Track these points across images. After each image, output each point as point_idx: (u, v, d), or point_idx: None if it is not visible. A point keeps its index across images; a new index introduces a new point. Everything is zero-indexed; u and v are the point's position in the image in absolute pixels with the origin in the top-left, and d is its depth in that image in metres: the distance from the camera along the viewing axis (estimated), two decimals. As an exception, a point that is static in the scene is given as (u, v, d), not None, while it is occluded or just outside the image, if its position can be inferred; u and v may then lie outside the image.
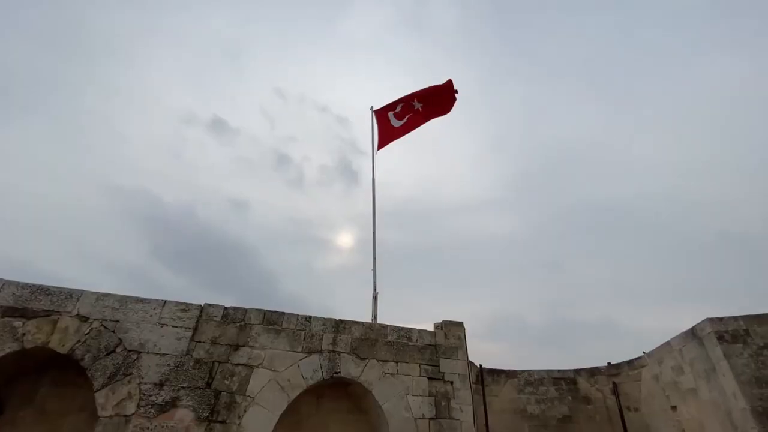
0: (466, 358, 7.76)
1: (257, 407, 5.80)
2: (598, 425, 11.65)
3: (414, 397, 6.75)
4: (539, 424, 12.10)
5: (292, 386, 6.14)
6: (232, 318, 6.44)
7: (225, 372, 5.94)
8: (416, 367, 7.09)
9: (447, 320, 7.97)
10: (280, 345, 6.42)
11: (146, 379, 5.54)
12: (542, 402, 12.42)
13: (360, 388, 6.66)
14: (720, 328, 7.09)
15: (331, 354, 6.63)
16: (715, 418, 7.37)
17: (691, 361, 8.02)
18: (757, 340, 6.79)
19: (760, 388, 6.40)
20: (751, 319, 7.01)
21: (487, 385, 12.84)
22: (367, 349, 6.93)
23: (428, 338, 7.55)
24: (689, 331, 7.95)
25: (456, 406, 6.92)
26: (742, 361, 6.69)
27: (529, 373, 13.12)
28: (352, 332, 7.00)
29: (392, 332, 7.33)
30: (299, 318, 6.81)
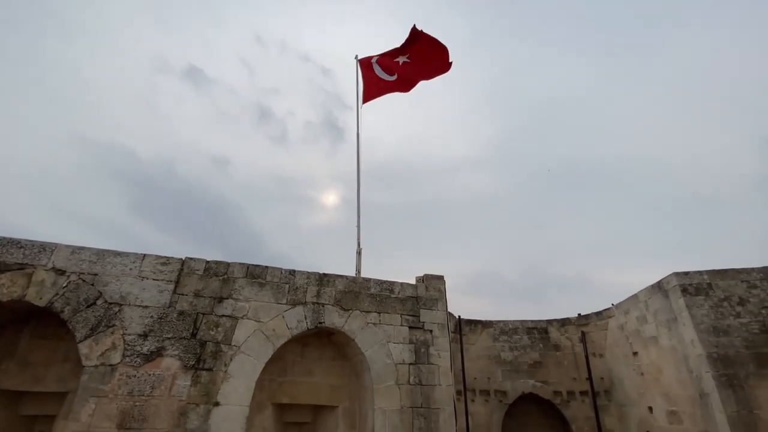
0: (445, 309, 8.07)
1: (243, 355, 5.97)
2: (566, 369, 12.62)
3: (395, 345, 7.06)
4: (511, 369, 13.02)
5: (277, 336, 6.31)
6: (214, 271, 6.43)
7: (210, 323, 6.02)
8: (398, 317, 7.35)
9: (428, 274, 8.18)
10: (265, 297, 6.50)
11: (130, 331, 5.58)
12: (515, 349, 13.29)
13: (343, 336, 6.90)
14: (685, 281, 7.52)
15: (315, 306, 6.78)
16: (672, 363, 8.04)
17: (655, 312, 8.58)
18: (719, 293, 7.25)
19: (717, 336, 6.94)
20: (715, 274, 7.43)
21: (465, 334, 13.58)
22: (350, 301, 7.10)
23: (410, 291, 7.77)
24: (656, 284, 8.41)
25: (434, 353, 7.30)
26: (703, 311, 7.18)
27: (505, 323, 13.89)
28: (335, 285, 7.12)
29: (375, 285, 7.50)
30: (283, 272, 6.86)
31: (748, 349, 6.68)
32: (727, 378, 6.57)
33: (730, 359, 6.69)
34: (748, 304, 7.01)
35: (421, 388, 6.93)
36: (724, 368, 6.64)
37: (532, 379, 12.66)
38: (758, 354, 6.60)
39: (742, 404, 6.35)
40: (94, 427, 4.92)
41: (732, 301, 7.10)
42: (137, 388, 5.28)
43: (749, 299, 7.04)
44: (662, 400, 8.49)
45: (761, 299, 7.00)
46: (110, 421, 5.01)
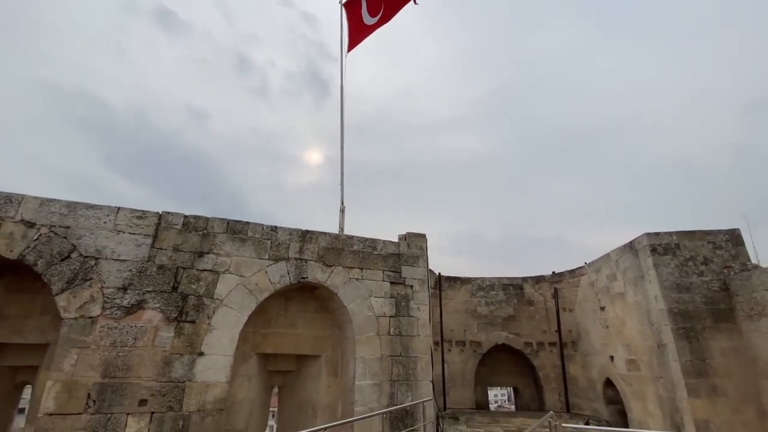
0: (426, 265, 8.27)
1: (226, 308, 6.04)
2: (537, 323, 13.40)
3: (377, 299, 7.26)
4: (486, 322, 13.73)
5: (260, 290, 6.37)
6: (193, 226, 6.30)
7: (191, 277, 5.99)
8: (380, 273, 7.50)
9: (410, 232, 8.27)
10: (246, 253, 6.47)
11: (108, 284, 5.51)
12: (491, 304, 13.94)
13: (326, 291, 7.04)
14: (655, 241, 7.85)
15: (298, 261, 6.81)
16: (636, 317, 8.60)
17: (624, 270, 9.03)
18: (685, 253, 7.63)
19: (679, 293, 7.39)
20: (683, 235, 7.77)
21: (444, 290, 14.10)
22: (333, 257, 7.16)
23: (392, 248, 7.87)
24: (628, 244, 8.77)
25: (414, 306, 7.57)
26: (669, 270, 7.58)
27: (482, 280, 14.44)
28: (318, 242, 7.14)
29: (358, 242, 7.55)
30: (264, 228, 6.79)
31: (706, 305, 7.18)
32: (684, 331, 7.10)
33: (689, 314, 7.19)
34: (712, 263, 7.44)
35: (400, 338, 7.24)
36: (683, 322, 7.16)
37: (506, 331, 13.42)
38: (716, 309, 7.12)
39: (696, 354, 6.93)
40: (77, 376, 4.99)
41: (697, 260, 7.51)
42: (120, 339, 5.32)
43: (713, 259, 7.46)
44: (623, 350, 9.17)
45: (724, 259, 7.42)
46: (94, 370, 5.08)
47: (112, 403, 5.04)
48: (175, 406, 5.34)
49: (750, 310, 6.69)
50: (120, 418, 5.04)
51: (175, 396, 5.38)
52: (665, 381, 7.46)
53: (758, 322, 6.50)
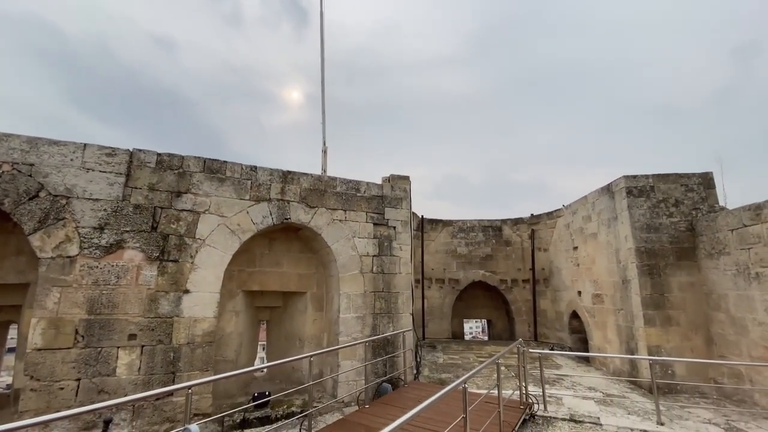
0: (409, 207, 8.34)
1: (209, 248, 6.04)
2: (513, 262, 14.09)
3: (360, 239, 7.39)
4: (465, 261, 14.35)
5: (243, 230, 6.35)
6: (168, 165, 6.04)
7: (170, 217, 5.88)
8: (363, 214, 7.54)
9: (394, 174, 8.21)
10: (226, 193, 6.32)
11: (83, 224, 5.35)
12: (471, 245, 14.47)
13: (310, 232, 7.08)
14: (631, 184, 8.05)
15: (280, 202, 6.74)
16: (605, 255, 9.09)
17: (599, 212, 9.35)
18: (659, 195, 7.89)
19: (648, 233, 7.76)
20: (659, 177, 7.98)
21: (427, 232, 14.46)
22: (316, 198, 7.10)
23: (375, 190, 7.84)
24: (606, 186, 8.98)
25: (396, 246, 7.76)
26: (641, 211, 7.88)
27: (463, 222, 14.82)
28: (300, 183, 7.01)
29: (341, 184, 7.46)
30: (243, 167, 6.57)
31: (672, 244, 7.62)
32: (648, 267, 7.60)
33: (654, 252, 7.65)
34: (682, 205, 7.76)
35: (383, 276, 7.52)
36: (648, 259, 7.63)
37: (483, 269, 14.12)
38: (679, 248, 7.58)
39: (656, 288, 7.50)
40: (62, 314, 5.03)
41: (668, 202, 7.81)
42: (102, 278, 5.31)
43: (684, 201, 7.77)
44: (590, 285, 9.84)
45: (694, 202, 7.74)
46: (78, 307, 5.12)
47: (101, 338, 5.17)
48: (165, 339, 5.53)
49: (711, 248, 7.15)
50: (111, 351, 5.20)
51: (164, 330, 5.55)
52: (625, 312, 8.13)
53: (717, 260, 6.99)
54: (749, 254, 6.29)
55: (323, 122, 9.08)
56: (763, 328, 6.03)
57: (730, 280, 6.70)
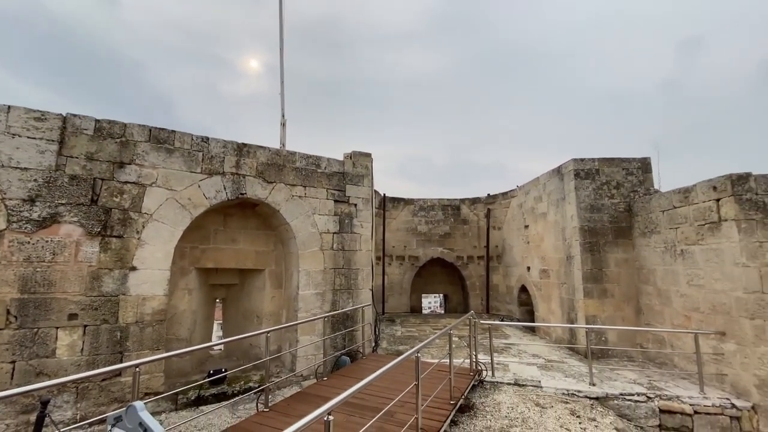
0: (371, 185, 8.34)
1: (157, 223, 5.72)
2: (469, 239, 14.65)
3: (320, 216, 7.32)
4: (425, 239, 14.72)
5: (194, 205, 6.06)
6: (108, 132, 5.56)
7: (112, 189, 5.47)
8: (324, 191, 7.45)
9: (356, 151, 8.11)
10: (175, 165, 5.96)
11: (10, 195, 4.85)
12: (430, 223, 14.83)
13: (268, 208, 6.90)
14: (579, 166, 8.55)
15: (235, 176, 6.47)
16: (552, 233, 9.69)
17: (549, 192, 9.89)
18: (603, 177, 8.46)
19: (591, 213, 8.34)
20: (604, 161, 8.53)
21: (388, 210, 14.59)
22: (274, 173, 6.89)
23: (337, 166, 7.74)
24: (556, 168, 9.47)
25: (358, 224, 7.79)
26: (586, 192, 8.43)
27: (424, 200, 15.09)
28: (257, 157, 6.76)
29: (301, 159, 7.28)
30: (194, 138, 6.21)
31: (611, 223, 8.26)
32: (590, 245, 8.22)
33: (596, 231, 8.27)
34: (622, 187, 8.38)
35: (343, 253, 7.55)
36: (590, 237, 8.25)
37: (441, 247, 14.58)
38: (618, 227, 8.24)
39: (596, 264, 8.16)
40: (-11, 293, 4.61)
41: (611, 184, 8.41)
42: (35, 254, 4.89)
43: (624, 184, 8.40)
44: (539, 261, 10.49)
45: (633, 184, 8.38)
46: (9, 286, 4.71)
47: (36, 318, 4.82)
48: (110, 318, 5.26)
49: (645, 228, 7.83)
50: (49, 332, 4.87)
51: (109, 309, 5.27)
52: (568, 286, 8.80)
53: (649, 238, 7.69)
54: (677, 233, 6.96)
55: (282, 92, 8.71)
56: (685, 299, 6.78)
57: (659, 256, 7.41)
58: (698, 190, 6.46)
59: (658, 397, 5.70)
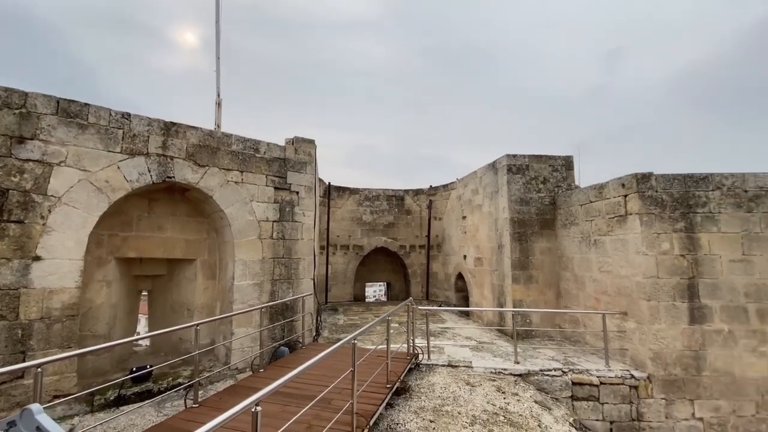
0: (314, 173, 8.17)
1: (67, 207, 5.10)
2: (412, 229, 15.03)
3: (259, 204, 7.03)
4: (369, 229, 14.84)
5: (113, 188, 5.49)
6: (5, 101, 4.81)
7: (9, 168, 4.76)
8: (263, 177, 7.15)
9: (298, 136, 7.87)
10: (89, 143, 5.33)
11: None
12: (375, 213, 14.96)
13: (200, 193, 6.47)
14: (512, 162, 9.14)
15: (161, 158, 5.95)
16: (486, 223, 10.29)
17: (485, 185, 10.45)
18: (532, 173, 9.13)
19: (521, 205, 8.98)
20: (533, 158, 9.20)
21: (333, 199, 14.44)
22: (207, 156, 6.46)
23: (278, 152, 7.46)
24: (492, 163, 10.03)
25: (299, 212, 7.61)
26: (517, 186, 9.04)
27: (369, 190, 15.16)
28: (187, 137, 6.27)
29: (237, 142, 6.90)
30: (113, 113, 5.59)
31: (537, 215, 8.98)
32: (518, 235, 8.87)
33: (524, 222, 8.94)
34: (548, 183, 9.13)
35: (283, 242, 7.34)
36: (519, 228, 8.90)
37: (385, 236, 14.81)
38: (543, 219, 8.97)
39: (523, 252, 8.83)
40: None
41: (538, 180, 9.12)
42: None
43: (550, 179, 9.15)
44: (474, 250, 11.10)
45: (557, 180, 9.15)
46: None
47: None
48: (9, 314, 4.63)
49: (566, 220, 8.62)
50: (-76, 332, 4.16)
51: (7, 304, 4.63)
52: (499, 273, 9.43)
53: (569, 229, 8.48)
54: (592, 225, 7.75)
55: (217, 69, 8.13)
56: (596, 284, 7.60)
57: (577, 245, 8.21)
58: (610, 186, 7.23)
59: (571, 371, 6.37)
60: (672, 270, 6.29)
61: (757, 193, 6.43)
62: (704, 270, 6.28)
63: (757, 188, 6.44)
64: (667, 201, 6.47)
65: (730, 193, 6.45)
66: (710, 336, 6.15)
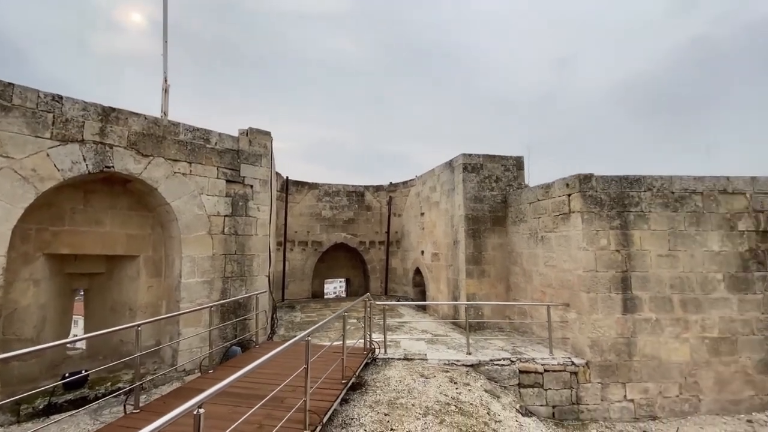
0: (270, 165, 7.93)
1: (-16, 199, 4.57)
2: (372, 225, 15.08)
3: (209, 197, 6.71)
4: (329, 224, 14.68)
5: (41, 178, 4.99)
6: None
7: None
8: (214, 169, 6.83)
9: (253, 127, 7.60)
10: (13, 127, 4.80)
11: None
12: (335, 208, 14.82)
13: (143, 185, 6.06)
14: (468, 161, 9.43)
15: (98, 146, 5.49)
16: (444, 220, 10.56)
17: (443, 183, 10.70)
18: (485, 172, 9.48)
19: (475, 203, 9.30)
20: (487, 157, 9.56)
21: (291, 194, 14.11)
22: (151, 145, 6.05)
23: (230, 143, 7.16)
24: (449, 162, 10.29)
25: (254, 206, 7.36)
26: (472, 185, 9.35)
27: (329, 186, 14.99)
28: (129, 124, 5.84)
29: (186, 131, 6.53)
30: (42, 95, 5.07)
31: (490, 212, 9.36)
32: (472, 231, 9.20)
33: (478, 219, 9.28)
34: (501, 181, 9.53)
35: (236, 237, 7.07)
36: (473, 224, 9.23)
37: (345, 232, 14.73)
38: (495, 216, 9.36)
39: (477, 248, 9.17)
40: None
41: (491, 178, 9.50)
42: None
43: (502, 178, 9.56)
44: (431, 246, 11.35)
45: (509, 179, 9.58)
46: None
47: None
48: None
49: (516, 217, 9.05)
50: None
51: None
52: (454, 268, 9.73)
53: (519, 225, 8.91)
54: (539, 222, 8.19)
55: (165, 53, 7.62)
56: (542, 277, 8.05)
57: (525, 241, 8.64)
58: (555, 186, 7.68)
59: (519, 361, 6.72)
60: (608, 264, 6.81)
61: (681, 194, 7.11)
62: (636, 264, 6.86)
63: (682, 190, 7.12)
64: (606, 200, 6.98)
65: (659, 194, 7.08)
66: (640, 324, 6.74)
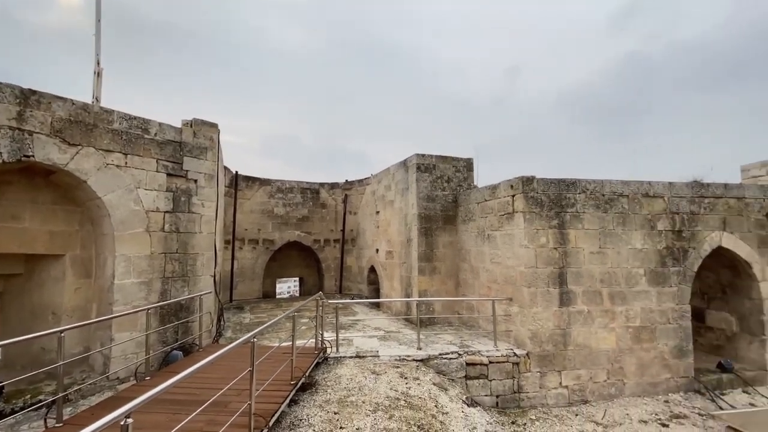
0: (216, 159, 7.56)
1: None
2: (327, 223, 14.91)
3: (147, 192, 6.26)
4: (282, 222, 14.30)
5: (-59, 167, 4.38)
6: None
7: None
8: (153, 162, 6.37)
9: (198, 118, 7.19)
10: None
11: None
12: (288, 206, 14.46)
13: (70, 177, 5.51)
14: (421, 161, 9.64)
15: (15, 132, 4.91)
16: (398, 218, 10.71)
17: (397, 182, 10.85)
18: (438, 172, 9.75)
19: (428, 202, 9.54)
20: (439, 158, 9.84)
21: (242, 190, 13.55)
22: (80, 134, 5.52)
23: (172, 134, 6.72)
24: (403, 161, 10.45)
25: (198, 202, 6.98)
26: (425, 184, 9.58)
27: (282, 182, 14.59)
28: (53, 110, 5.28)
29: (121, 120, 6.03)
30: (-57, 73, 4.44)
31: (442, 211, 9.65)
32: (425, 229, 9.43)
33: (430, 217, 9.54)
34: (452, 182, 9.86)
35: (178, 235, 6.67)
36: (425, 223, 9.47)
37: (299, 230, 14.42)
38: (446, 215, 9.66)
39: (429, 246, 9.42)
40: None
41: (443, 179, 9.80)
42: None
43: (453, 179, 9.89)
44: (386, 244, 11.47)
45: (460, 180, 9.94)
46: None
47: None
48: None
49: (465, 216, 9.40)
50: None
51: None
52: (407, 265, 9.91)
53: (468, 224, 9.27)
54: (486, 221, 8.57)
55: (97, 33, 6.97)
56: (488, 274, 8.43)
57: (474, 239, 9.01)
58: (501, 187, 8.07)
59: (466, 353, 7.00)
60: (547, 261, 7.29)
61: (611, 197, 7.78)
62: (571, 261, 7.41)
63: (611, 193, 7.79)
64: (545, 201, 7.46)
65: (592, 197, 7.70)
66: (574, 316, 7.30)
